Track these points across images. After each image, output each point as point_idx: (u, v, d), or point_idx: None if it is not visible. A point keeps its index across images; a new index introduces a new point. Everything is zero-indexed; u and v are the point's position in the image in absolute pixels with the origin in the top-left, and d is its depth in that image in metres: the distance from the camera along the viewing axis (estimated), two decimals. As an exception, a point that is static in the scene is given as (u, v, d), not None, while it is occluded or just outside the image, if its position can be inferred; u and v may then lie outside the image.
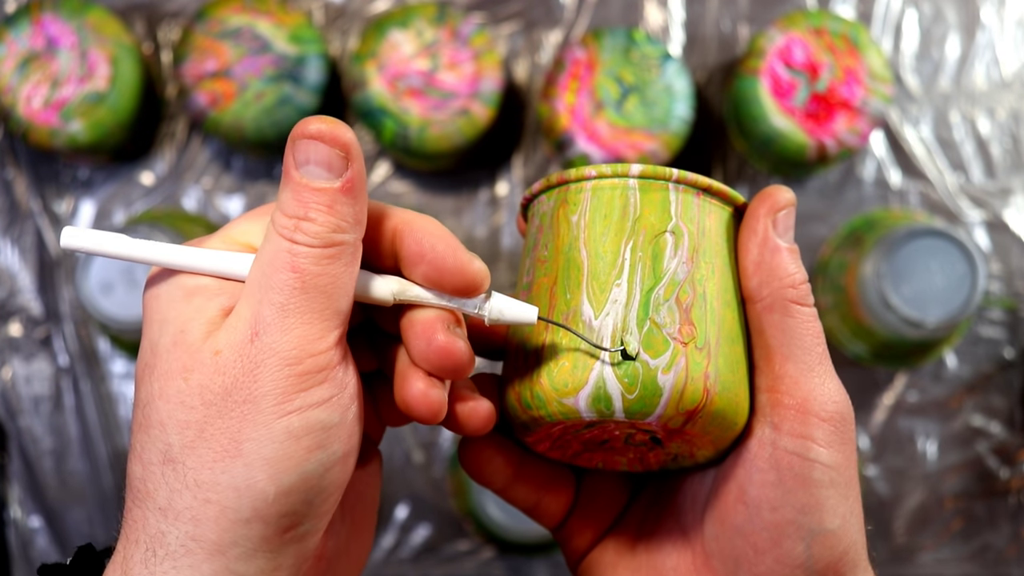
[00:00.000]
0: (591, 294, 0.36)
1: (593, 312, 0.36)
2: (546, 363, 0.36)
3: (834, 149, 0.74)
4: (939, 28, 0.82)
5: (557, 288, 0.37)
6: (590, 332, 0.36)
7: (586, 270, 0.36)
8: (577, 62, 0.74)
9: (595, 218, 0.37)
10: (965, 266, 0.72)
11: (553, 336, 0.36)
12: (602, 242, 0.36)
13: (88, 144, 0.75)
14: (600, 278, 0.36)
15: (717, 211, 0.38)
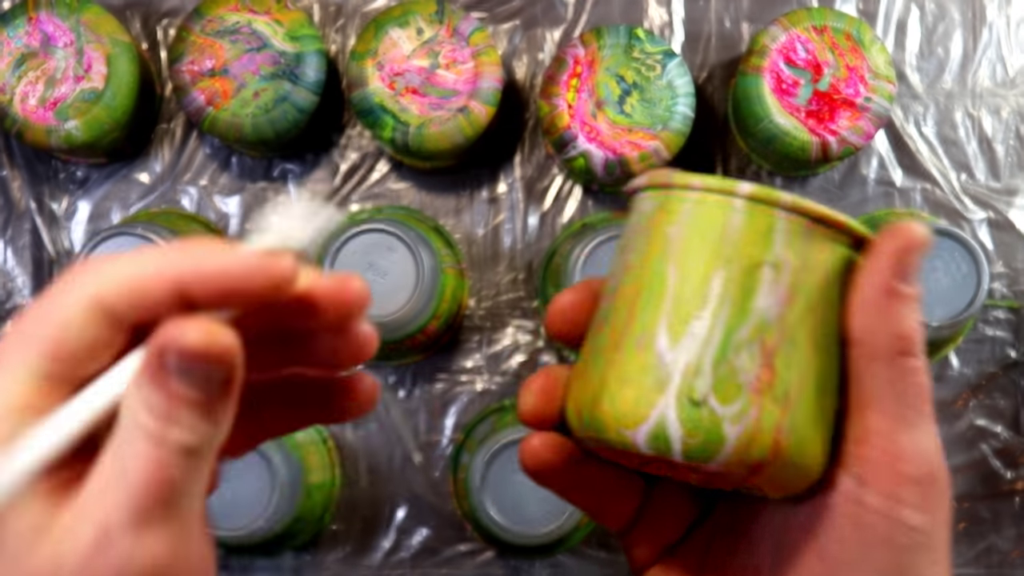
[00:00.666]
0: (670, 321, 0.33)
1: (668, 342, 0.33)
2: (611, 385, 0.34)
3: (837, 148, 0.73)
4: (943, 26, 0.82)
5: (639, 302, 0.34)
6: (661, 363, 0.33)
7: (670, 293, 0.34)
8: (578, 60, 0.73)
9: (691, 236, 0.34)
10: (969, 266, 0.72)
11: (625, 354, 0.34)
12: (693, 265, 0.33)
13: (84, 143, 0.75)
14: (683, 305, 0.33)
15: (830, 244, 0.35)
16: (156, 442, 0.29)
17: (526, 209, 0.82)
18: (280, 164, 0.82)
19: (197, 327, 0.29)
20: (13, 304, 0.82)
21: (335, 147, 0.82)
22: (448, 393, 0.81)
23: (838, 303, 0.34)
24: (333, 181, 0.82)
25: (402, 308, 0.71)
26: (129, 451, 0.29)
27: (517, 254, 0.81)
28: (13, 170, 0.82)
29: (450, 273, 0.77)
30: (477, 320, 0.81)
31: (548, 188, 0.82)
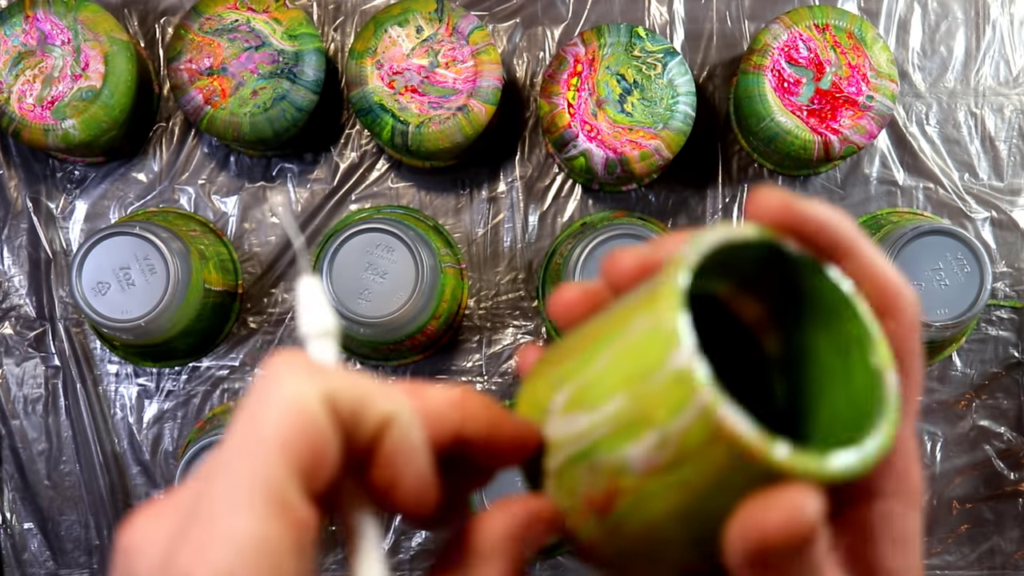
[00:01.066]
0: (574, 393, 0.32)
1: (561, 405, 0.33)
2: (524, 394, 0.35)
3: (839, 147, 0.73)
4: (946, 24, 0.81)
5: (580, 352, 0.33)
6: (546, 412, 0.34)
7: (592, 372, 0.32)
8: (578, 59, 0.73)
9: (636, 348, 0.30)
10: (972, 265, 0.71)
11: (540, 380, 0.35)
12: (617, 371, 0.31)
13: (82, 142, 0.74)
14: (587, 392, 0.32)
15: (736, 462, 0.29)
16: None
17: (526, 208, 0.81)
18: (279, 163, 0.82)
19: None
20: (10, 304, 0.82)
21: (334, 146, 0.82)
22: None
23: (729, 506, 0.29)
24: (332, 180, 0.82)
25: (402, 308, 0.70)
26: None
27: (517, 254, 0.81)
28: (10, 169, 0.82)
29: (450, 273, 0.77)
30: (477, 320, 0.81)
31: (548, 187, 0.81)
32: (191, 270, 0.73)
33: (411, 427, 0.29)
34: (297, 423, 0.27)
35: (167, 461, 0.81)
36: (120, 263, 0.71)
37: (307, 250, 0.30)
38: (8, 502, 0.81)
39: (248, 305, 0.82)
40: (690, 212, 0.81)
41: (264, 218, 0.82)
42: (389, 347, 0.78)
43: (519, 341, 0.81)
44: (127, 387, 0.81)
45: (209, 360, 0.82)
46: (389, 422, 0.29)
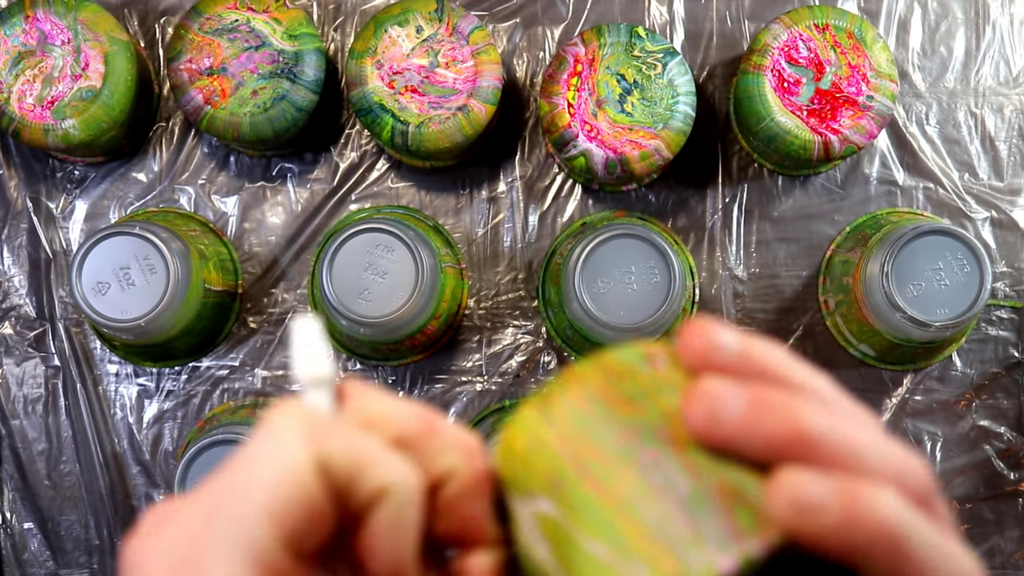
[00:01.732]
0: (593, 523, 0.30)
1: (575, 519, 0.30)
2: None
3: (839, 147, 0.73)
4: (946, 24, 0.81)
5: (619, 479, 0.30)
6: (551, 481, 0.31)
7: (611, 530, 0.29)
8: (578, 59, 0.73)
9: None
10: (972, 265, 0.71)
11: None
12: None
13: (82, 142, 0.74)
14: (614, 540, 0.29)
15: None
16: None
17: (526, 208, 0.81)
18: (279, 163, 0.82)
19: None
20: (10, 304, 0.82)
21: (334, 146, 0.82)
22: (448, 393, 0.81)
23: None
24: (332, 180, 0.82)
25: (402, 308, 0.70)
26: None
27: (517, 253, 0.81)
28: (10, 169, 0.82)
29: (450, 273, 0.76)
30: (477, 320, 0.81)
31: (548, 187, 0.81)
32: (191, 270, 0.73)
33: (404, 505, 0.28)
34: (288, 491, 0.27)
35: (167, 461, 0.81)
36: (120, 263, 0.71)
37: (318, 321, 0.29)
38: (8, 502, 0.81)
39: (248, 305, 0.82)
40: (690, 212, 0.81)
41: (264, 218, 0.82)
42: (389, 347, 0.78)
43: (519, 341, 0.81)
44: (127, 387, 0.81)
45: (209, 360, 0.82)
46: (383, 495, 0.28)
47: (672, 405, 0.30)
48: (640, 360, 0.31)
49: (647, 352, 0.31)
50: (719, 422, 0.28)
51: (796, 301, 0.81)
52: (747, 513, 0.28)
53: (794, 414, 0.27)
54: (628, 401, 0.30)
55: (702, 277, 0.80)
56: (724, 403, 0.28)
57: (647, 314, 0.70)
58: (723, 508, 0.28)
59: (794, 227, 0.81)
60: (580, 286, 0.70)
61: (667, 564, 0.27)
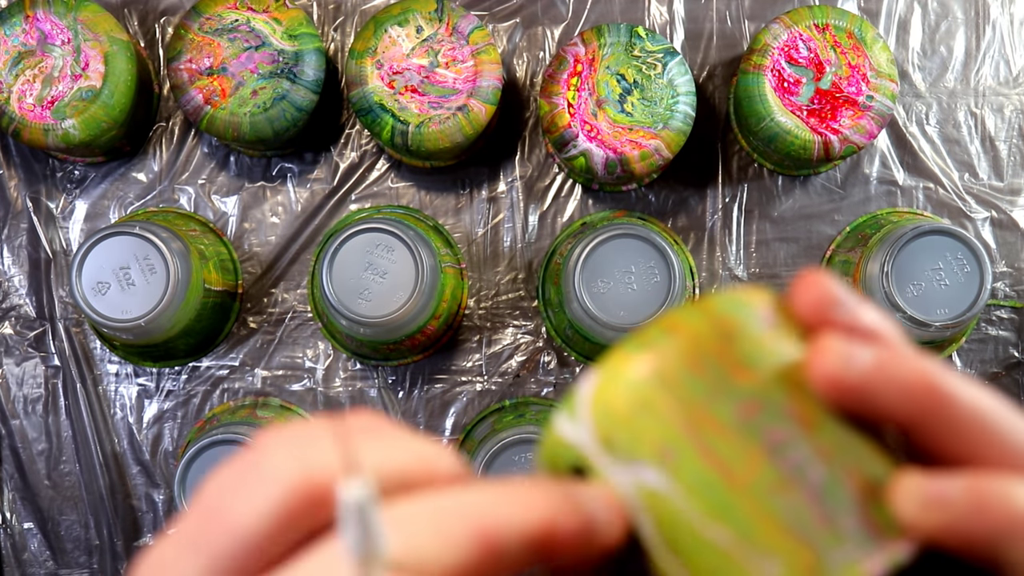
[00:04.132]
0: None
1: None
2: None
3: (839, 147, 0.73)
4: (946, 24, 0.81)
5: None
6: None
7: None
8: (578, 58, 0.73)
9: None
10: (972, 265, 0.71)
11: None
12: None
13: (82, 141, 0.74)
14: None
15: None
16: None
17: (526, 208, 0.81)
18: (279, 163, 0.82)
19: None
20: (10, 304, 0.82)
21: (334, 146, 0.82)
22: (448, 393, 0.81)
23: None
24: (332, 180, 0.82)
25: (402, 308, 0.70)
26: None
27: (517, 253, 0.81)
28: (10, 169, 0.82)
29: (449, 273, 0.76)
30: (477, 320, 0.81)
31: (548, 187, 0.81)
32: (191, 270, 0.73)
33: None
34: (267, 528, 0.25)
35: (167, 461, 0.81)
36: (120, 263, 0.71)
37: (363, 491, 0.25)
38: (8, 502, 0.81)
39: (248, 305, 0.82)
40: (690, 212, 0.81)
41: (264, 218, 0.82)
42: (389, 347, 0.78)
43: (519, 341, 0.81)
44: (127, 387, 0.81)
45: (209, 360, 0.82)
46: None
47: (793, 372, 0.27)
48: (751, 315, 0.28)
49: (758, 306, 0.29)
50: (850, 372, 0.26)
51: (796, 301, 0.80)
52: (883, 510, 0.26)
53: (924, 367, 0.26)
54: (744, 366, 0.27)
55: (702, 277, 0.80)
56: (854, 354, 0.27)
57: (647, 314, 0.70)
58: (859, 502, 0.26)
59: (794, 227, 0.81)
60: (580, 286, 0.70)
61: (804, 558, 0.25)
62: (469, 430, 0.80)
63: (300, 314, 0.81)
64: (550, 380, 0.81)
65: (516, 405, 0.80)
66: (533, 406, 0.80)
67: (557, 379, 0.81)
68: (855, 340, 0.27)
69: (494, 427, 0.77)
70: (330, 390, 0.81)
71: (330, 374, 0.81)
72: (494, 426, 0.77)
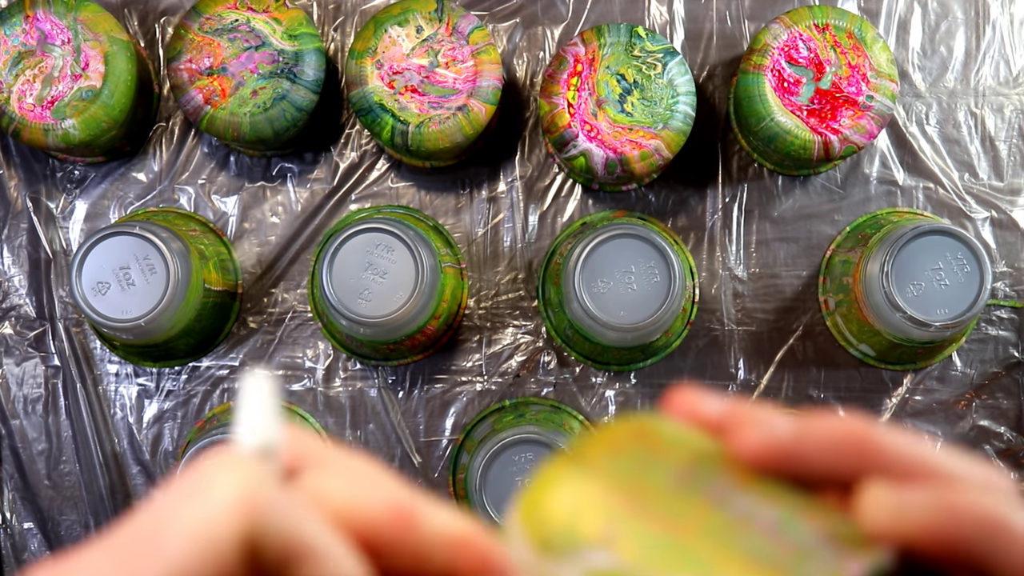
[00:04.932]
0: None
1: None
2: None
3: (839, 147, 0.73)
4: (946, 24, 0.81)
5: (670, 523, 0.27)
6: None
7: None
8: (578, 58, 0.73)
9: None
10: (972, 265, 0.71)
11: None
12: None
13: (82, 141, 0.74)
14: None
15: None
16: None
17: (526, 208, 0.81)
18: (279, 163, 0.82)
19: None
20: (10, 304, 0.81)
21: (334, 146, 0.82)
22: (448, 393, 0.81)
23: None
24: (332, 180, 0.82)
25: (402, 308, 0.70)
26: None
27: (517, 253, 0.81)
28: (10, 169, 0.82)
29: (449, 272, 0.76)
30: (477, 320, 0.81)
31: (548, 187, 0.81)
32: (191, 270, 0.72)
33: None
34: (201, 560, 0.24)
35: (167, 461, 0.81)
36: (120, 263, 0.71)
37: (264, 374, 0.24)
38: (8, 502, 0.81)
39: (248, 305, 0.82)
40: (690, 212, 0.81)
41: (264, 218, 0.82)
42: (389, 347, 0.78)
43: (519, 341, 0.81)
44: (127, 387, 0.81)
45: (209, 360, 0.82)
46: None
47: (714, 449, 0.28)
48: (659, 420, 0.29)
49: (661, 419, 0.29)
50: (777, 438, 0.27)
51: (796, 301, 0.81)
52: (845, 529, 0.26)
53: (848, 425, 0.27)
54: (667, 445, 0.28)
55: (702, 277, 0.80)
56: (774, 422, 0.27)
57: (647, 314, 0.70)
58: (819, 528, 0.26)
59: (794, 227, 0.81)
60: (580, 286, 0.70)
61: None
62: (469, 430, 0.80)
63: (300, 314, 0.81)
64: (550, 380, 0.81)
65: (516, 405, 0.80)
66: (533, 406, 0.80)
67: (557, 379, 0.81)
68: (768, 419, 0.27)
69: (494, 427, 0.77)
70: (330, 390, 0.81)
71: (330, 374, 0.81)
72: (494, 426, 0.77)
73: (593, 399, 0.80)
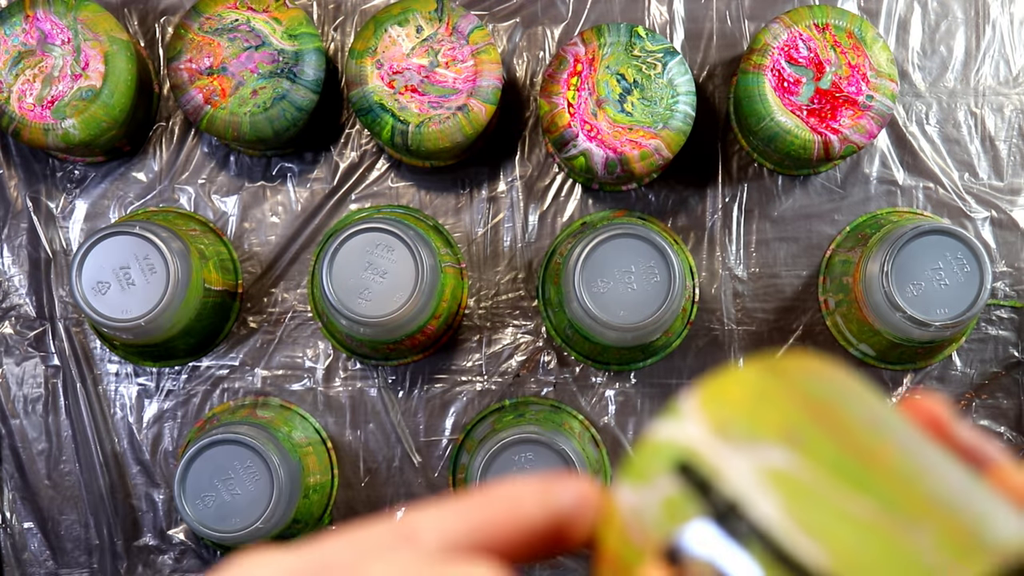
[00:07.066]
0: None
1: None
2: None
3: (839, 146, 0.73)
4: (946, 24, 0.81)
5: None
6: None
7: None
8: (578, 58, 0.73)
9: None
10: (972, 265, 0.71)
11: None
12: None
13: (82, 141, 0.74)
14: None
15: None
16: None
17: (526, 208, 0.81)
18: (279, 163, 0.82)
19: None
20: (10, 303, 0.82)
21: (334, 146, 0.82)
22: (447, 393, 0.81)
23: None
24: (332, 180, 0.82)
25: (402, 308, 0.70)
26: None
27: (517, 253, 0.81)
28: (10, 169, 0.82)
29: (449, 272, 0.76)
30: (477, 320, 0.81)
31: (548, 187, 0.81)
32: (191, 270, 0.73)
33: None
34: None
35: (167, 461, 0.81)
36: (120, 263, 0.71)
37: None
38: (8, 502, 0.81)
39: (248, 305, 0.82)
40: (690, 212, 0.81)
41: (264, 218, 0.82)
42: (389, 347, 0.78)
43: (519, 341, 0.81)
44: (127, 387, 0.81)
45: (209, 360, 0.82)
46: None
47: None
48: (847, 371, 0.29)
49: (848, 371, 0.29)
50: (947, 413, 0.28)
51: (796, 301, 0.81)
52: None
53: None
54: (862, 390, 0.28)
55: (702, 277, 0.80)
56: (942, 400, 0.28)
57: (647, 314, 0.70)
58: (1006, 500, 0.26)
59: (794, 227, 0.81)
60: (580, 286, 0.70)
61: (957, 524, 0.24)
62: (469, 430, 0.80)
63: (300, 314, 0.81)
64: (550, 380, 0.81)
65: (516, 405, 0.80)
66: (533, 406, 0.80)
67: (557, 379, 0.81)
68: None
69: (494, 427, 0.77)
70: (330, 390, 0.81)
71: (330, 374, 0.81)
72: (494, 426, 0.77)
73: (593, 399, 0.81)
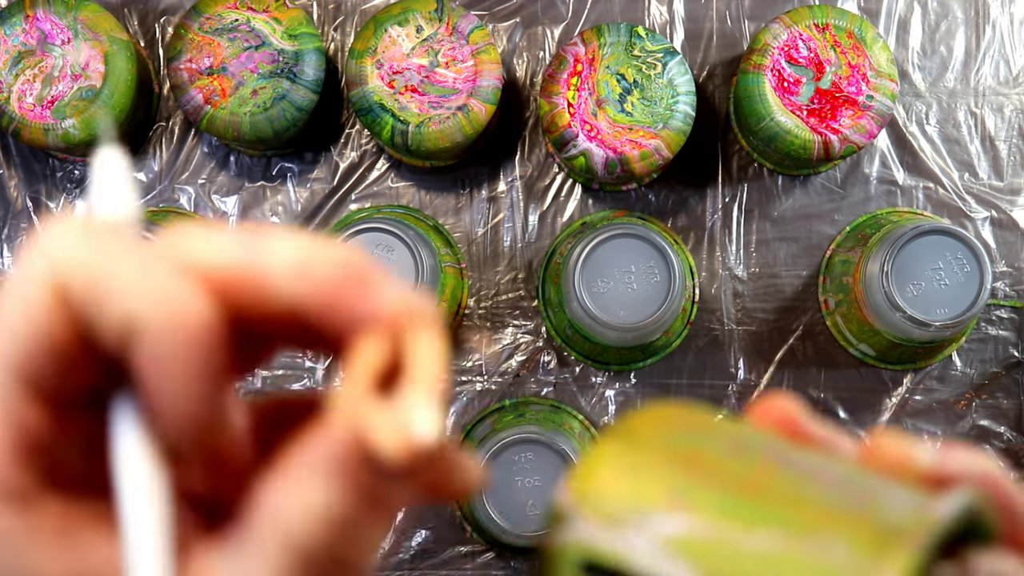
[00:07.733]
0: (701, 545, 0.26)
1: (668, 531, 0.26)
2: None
3: (839, 146, 0.73)
4: (946, 24, 0.81)
5: (726, 482, 0.26)
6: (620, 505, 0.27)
7: (741, 538, 0.26)
8: (578, 58, 0.73)
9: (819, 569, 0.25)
10: (972, 265, 0.71)
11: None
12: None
13: (82, 141, 0.74)
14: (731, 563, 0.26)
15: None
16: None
17: (526, 208, 0.81)
18: (279, 163, 0.82)
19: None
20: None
21: (334, 146, 0.82)
22: (447, 393, 0.81)
23: None
24: (332, 180, 0.82)
25: (401, 308, 0.70)
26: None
27: (517, 253, 0.81)
28: (10, 169, 0.82)
29: (450, 272, 0.77)
30: (477, 320, 0.81)
31: (548, 187, 0.81)
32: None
33: (166, 343, 0.22)
34: (24, 330, 0.22)
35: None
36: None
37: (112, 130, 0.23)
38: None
39: (248, 305, 0.81)
40: (690, 212, 0.81)
41: (264, 218, 0.82)
42: (389, 347, 0.78)
43: (519, 341, 0.81)
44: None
45: (209, 360, 0.81)
46: (130, 332, 0.22)
47: (759, 429, 0.28)
48: (684, 405, 0.29)
49: (685, 405, 0.29)
50: (795, 410, 0.28)
51: (796, 301, 0.81)
52: (912, 480, 0.26)
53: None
54: (710, 423, 0.27)
55: (702, 277, 0.80)
56: (794, 404, 0.28)
57: (647, 314, 0.70)
58: (886, 479, 0.26)
59: (794, 227, 0.81)
60: (580, 286, 0.70)
61: (866, 528, 0.24)
62: (469, 430, 0.80)
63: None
64: (550, 380, 0.81)
65: (516, 405, 0.80)
66: (533, 406, 0.80)
67: (557, 379, 0.81)
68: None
69: (494, 427, 0.77)
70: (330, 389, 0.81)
71: (331, 374, 0.81)
72: (494, 426, 0.77)
73: (593, 399, 0.81)
